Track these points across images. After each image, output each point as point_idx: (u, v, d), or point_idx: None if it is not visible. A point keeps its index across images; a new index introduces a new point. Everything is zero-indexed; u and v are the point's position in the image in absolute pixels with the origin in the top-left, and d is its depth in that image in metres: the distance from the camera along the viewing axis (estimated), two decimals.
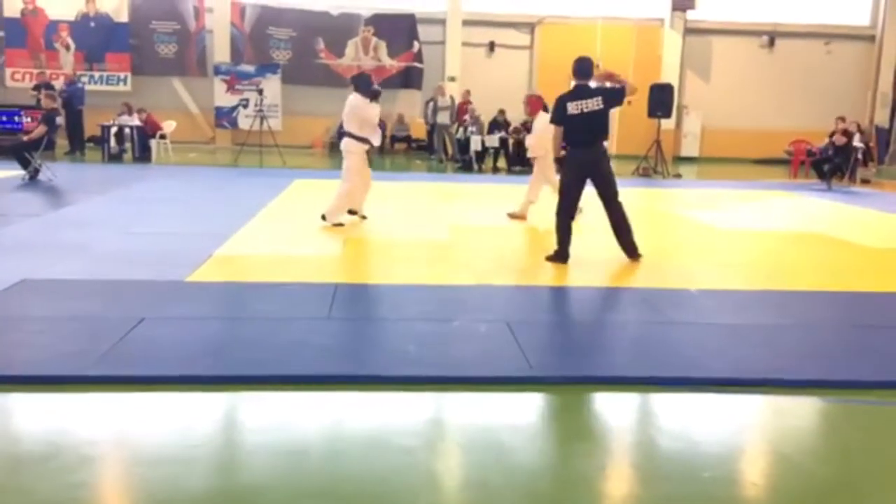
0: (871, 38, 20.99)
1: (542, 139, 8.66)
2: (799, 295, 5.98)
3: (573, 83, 6.92)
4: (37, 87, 16.42)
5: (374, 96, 8.33)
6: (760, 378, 4.05)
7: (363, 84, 8.39)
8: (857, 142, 14.91)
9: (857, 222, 10.14)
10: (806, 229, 9.34)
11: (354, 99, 8.30)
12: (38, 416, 3.49)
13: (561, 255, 6.80)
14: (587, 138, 6.77)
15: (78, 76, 18.05)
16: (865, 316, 5.52)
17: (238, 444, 3.30)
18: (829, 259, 7.59)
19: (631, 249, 6.95)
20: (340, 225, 8.21)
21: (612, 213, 6.91)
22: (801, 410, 3.83)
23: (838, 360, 4.44)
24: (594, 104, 6.71)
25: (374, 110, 8.30)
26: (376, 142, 8.53)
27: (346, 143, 8.42)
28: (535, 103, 9.32)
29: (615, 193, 6.85)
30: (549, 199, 8.17)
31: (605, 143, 7.08)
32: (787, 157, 18.13)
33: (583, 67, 6.87)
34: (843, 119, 15.15)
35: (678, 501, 2.88)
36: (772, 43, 20.92)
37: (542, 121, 8.67)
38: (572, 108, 6.74)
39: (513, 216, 9.19)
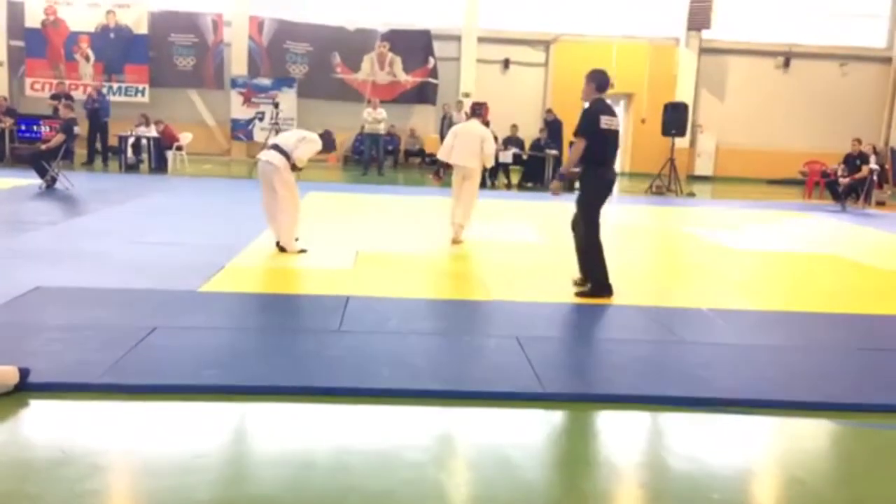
0: (888, 61, 20.95)
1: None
2: (810, 316, 5.94)
3: (595, 96, 6.14)
4: (55, 97, 16.61)
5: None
6: (771, 399, 4.04)
7: None
8: (872, 164, 14.87)
9: (870, 244, 10.08)
10: (819, 251, 9.29)
11: None
12: (48, 423, 3.51)
13: (606, 288, 6.16)
14: (614, 156, 6.23)
15: (101, 88, 18.26)
16: (876, 339, 5.48)
17: (247, 455, 3.31)
18: (842, 281, 7.54)
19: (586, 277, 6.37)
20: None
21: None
22: (811, 432, 3.80)
23: (848, 383, 4.41)
24: (616, 123, 6.17)
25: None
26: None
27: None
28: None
29: None
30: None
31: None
32: (801, 177, 18.08)
33: (606, 80, 6.14)
34: (859, 141, 15.10)
35: None
36: (787, 63, 20.91)
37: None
38: (605, 122, 6.01)
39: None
